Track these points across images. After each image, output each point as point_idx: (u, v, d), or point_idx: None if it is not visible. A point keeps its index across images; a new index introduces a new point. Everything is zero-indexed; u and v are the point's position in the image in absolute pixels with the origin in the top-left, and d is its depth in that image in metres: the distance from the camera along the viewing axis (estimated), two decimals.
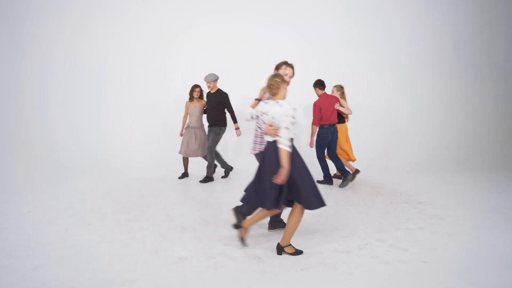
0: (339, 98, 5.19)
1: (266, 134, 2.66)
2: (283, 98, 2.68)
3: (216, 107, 5.13)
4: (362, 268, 2.51)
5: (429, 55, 6.99)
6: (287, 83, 2.95)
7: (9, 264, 2.57)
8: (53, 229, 3.27)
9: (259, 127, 2.93)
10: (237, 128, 5.18)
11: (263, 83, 2.75)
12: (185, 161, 5.47)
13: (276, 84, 2.63)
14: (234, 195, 4.51)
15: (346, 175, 4.87)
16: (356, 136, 6.84)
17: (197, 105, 5.29)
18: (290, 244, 2.73)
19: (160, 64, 6.74)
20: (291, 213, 2.69)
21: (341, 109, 5.07)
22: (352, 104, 6.89)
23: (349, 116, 5.51)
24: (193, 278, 2.37)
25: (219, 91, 5.17)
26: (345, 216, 3.68)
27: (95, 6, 6.59)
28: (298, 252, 2.72)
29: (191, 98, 5.31)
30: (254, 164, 2.98)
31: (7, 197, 4.35)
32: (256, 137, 3.01)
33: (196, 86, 5.30)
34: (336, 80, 6.91)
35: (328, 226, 3.36)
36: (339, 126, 5.20)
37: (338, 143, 5.17)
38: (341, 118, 5.30)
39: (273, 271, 2.47)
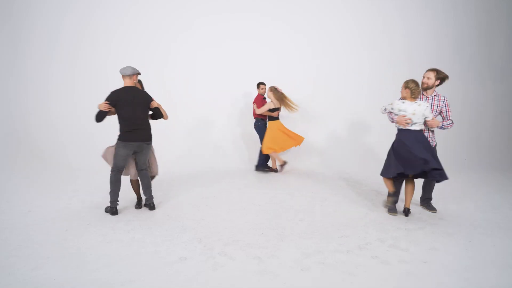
0: (262, 98, 5.93)
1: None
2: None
3: None
4: (362, 268, 2.51)
5: (429, 55, 6.99)
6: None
7: (9, 264, 2.57)
8: (53, 229, 3.27)
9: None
10: None
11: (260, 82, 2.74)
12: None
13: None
14: (235, 195, 4.52)
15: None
16: (356, 135, 6.85)
17: None
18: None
19: (160, 64, 6.75)
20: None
21: (255, 109, 5.78)
22: (352, 104, 6.91)
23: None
24: (193, 278, 2.37)
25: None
26: (345, 216, 3.67)
27: (95, 6, 6.59)
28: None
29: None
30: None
31: (7, 197, 4.34)
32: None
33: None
34: (336, 80, 6.93)
35: (328, 226, 3.36)
36: (269, 122, 5.75)
37: (267, 138, 5.67)
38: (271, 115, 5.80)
39: (273, 271, 2.47)
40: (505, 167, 6.20)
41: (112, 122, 6.59)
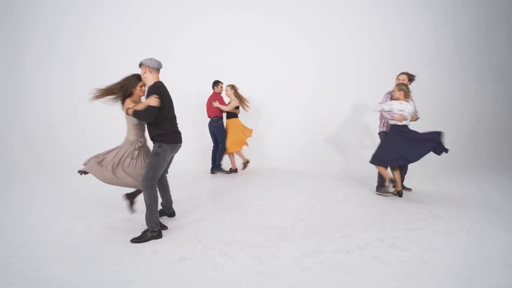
0: (221, 96, 5.85)
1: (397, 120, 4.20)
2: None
3: None
4: (362, 268, 2.51)
5: (429, 55, 6.99)
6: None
7: (9, 264, 2.57)
8: (53, 229, 3.27)
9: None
10: None
11: (261, 82, 2.76)
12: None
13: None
14: (235, 195, 4.52)
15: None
16: (356, 135, 6.84)
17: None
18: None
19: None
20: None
21: (220, 106, 5.69)
22: (352, 104, 6.90)
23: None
24: (193, 278, 2.37)
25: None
26: (345, 216, 3.67)
27: (95, 6, 6.59)
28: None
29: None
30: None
31: (7, 197, 4.35)
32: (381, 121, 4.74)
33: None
34: (337, 80, 6.93)
35: (328, 226, 3.36)
36: (231, 120, 5.80)
37: (233, 135, 5.74)
38: (232, 113, 5.82)
39: (273, 271, 2.47)
40: (505, 167, 6.20)
41: (111, 122, 6.60)
